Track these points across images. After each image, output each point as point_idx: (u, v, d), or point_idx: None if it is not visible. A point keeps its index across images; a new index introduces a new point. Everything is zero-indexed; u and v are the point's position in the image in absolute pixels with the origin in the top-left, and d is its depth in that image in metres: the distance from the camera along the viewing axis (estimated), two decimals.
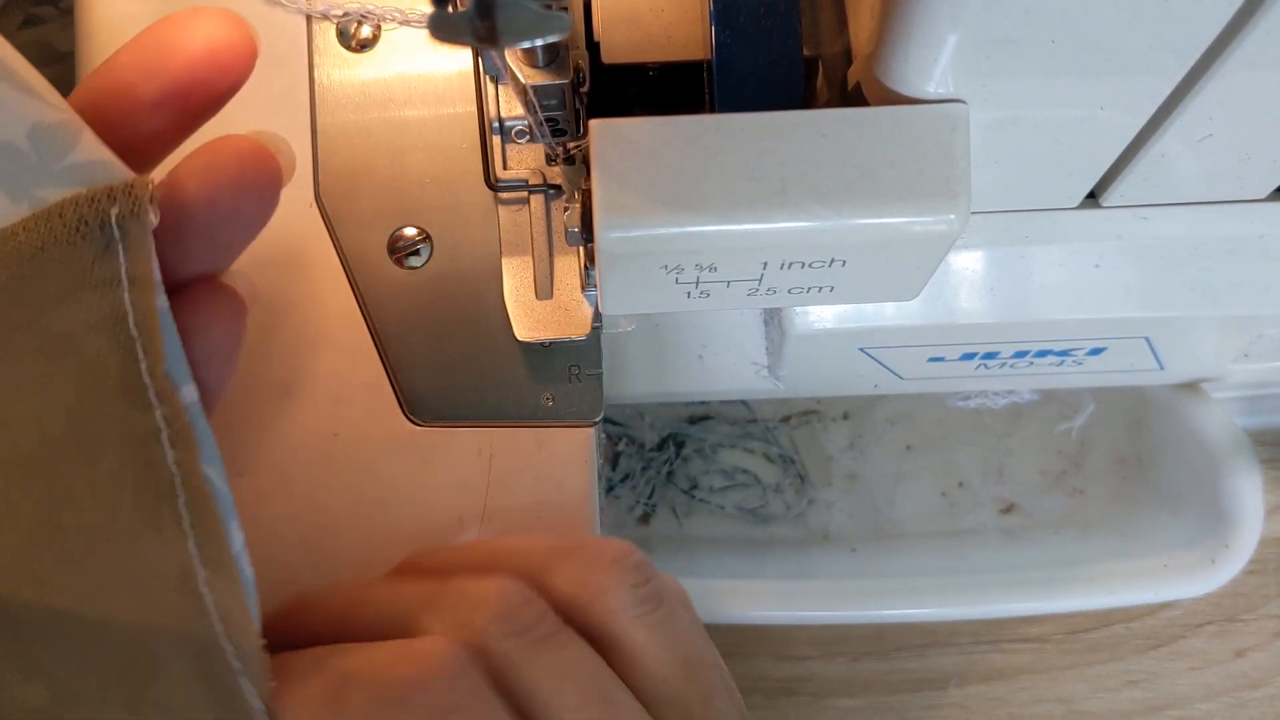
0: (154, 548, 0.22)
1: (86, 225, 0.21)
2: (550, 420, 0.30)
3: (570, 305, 0.29)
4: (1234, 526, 0.40)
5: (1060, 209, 0.30)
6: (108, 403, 0.22)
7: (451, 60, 0.30)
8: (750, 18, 0.25)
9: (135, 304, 0.21)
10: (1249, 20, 0.21)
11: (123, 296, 0.21)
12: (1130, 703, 0.43)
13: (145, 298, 0.22)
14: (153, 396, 0.22)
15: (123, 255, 0.22)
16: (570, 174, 0.29)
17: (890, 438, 0.46)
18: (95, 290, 0.21)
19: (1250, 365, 0.40)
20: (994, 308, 0.33)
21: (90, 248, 0.21)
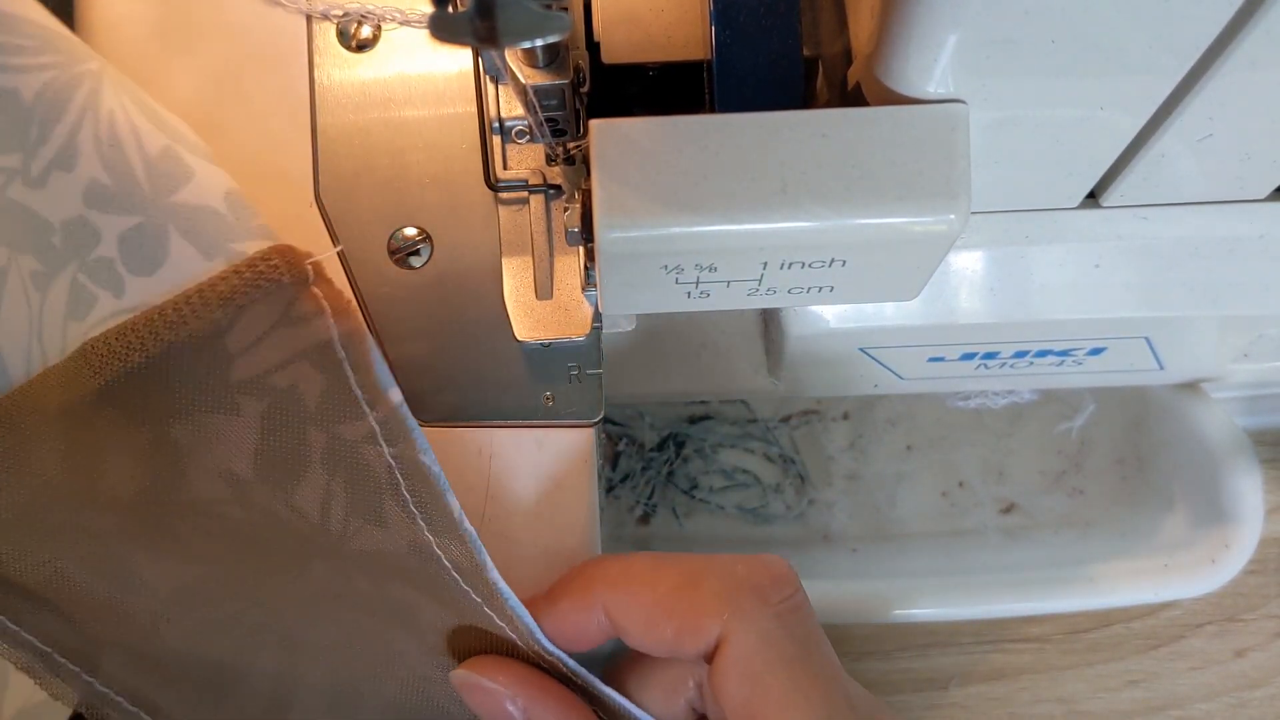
0: (377, 537, 0.26)
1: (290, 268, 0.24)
2: (550, 420, 0.30)
3: (570, 305, 0.29)
4: (1234, 526, 0.40)
5: (1060, 209, 0.30)
6: (304, 428, 0.25)
7: (451, 60, 0.30)
8: (750, 18, 0.25)
9: (340, 329, 0.25)
10: (1249, 20, 0.21)
11: (328, 323, 0.24)
12: (1130, 703, 0.43)
13: (348, 322, 0.25)
14: (364, 405, 0.25)
15: (321, 290, 0.24)
16: (570, 174, 0.29)
17: (890, 438, 0.46)
18: (295, 325, 0.24)
19: (1250, 365, 0.40)
20: (994, 308, 0.33)
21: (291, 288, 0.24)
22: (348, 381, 0.25)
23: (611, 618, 0.26)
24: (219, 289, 0.24)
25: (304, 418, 0.25)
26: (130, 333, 0.24)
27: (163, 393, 0.24)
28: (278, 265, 0.24)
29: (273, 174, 0.30)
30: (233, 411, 0.24)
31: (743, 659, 0.24)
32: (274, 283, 0.24)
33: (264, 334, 0.24)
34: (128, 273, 0.24)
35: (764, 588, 0.25)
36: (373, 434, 0.25)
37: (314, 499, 0.25)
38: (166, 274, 0.24)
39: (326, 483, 0.25)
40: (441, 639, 0.28)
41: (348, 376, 0.25)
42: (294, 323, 0.24)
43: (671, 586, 0.25)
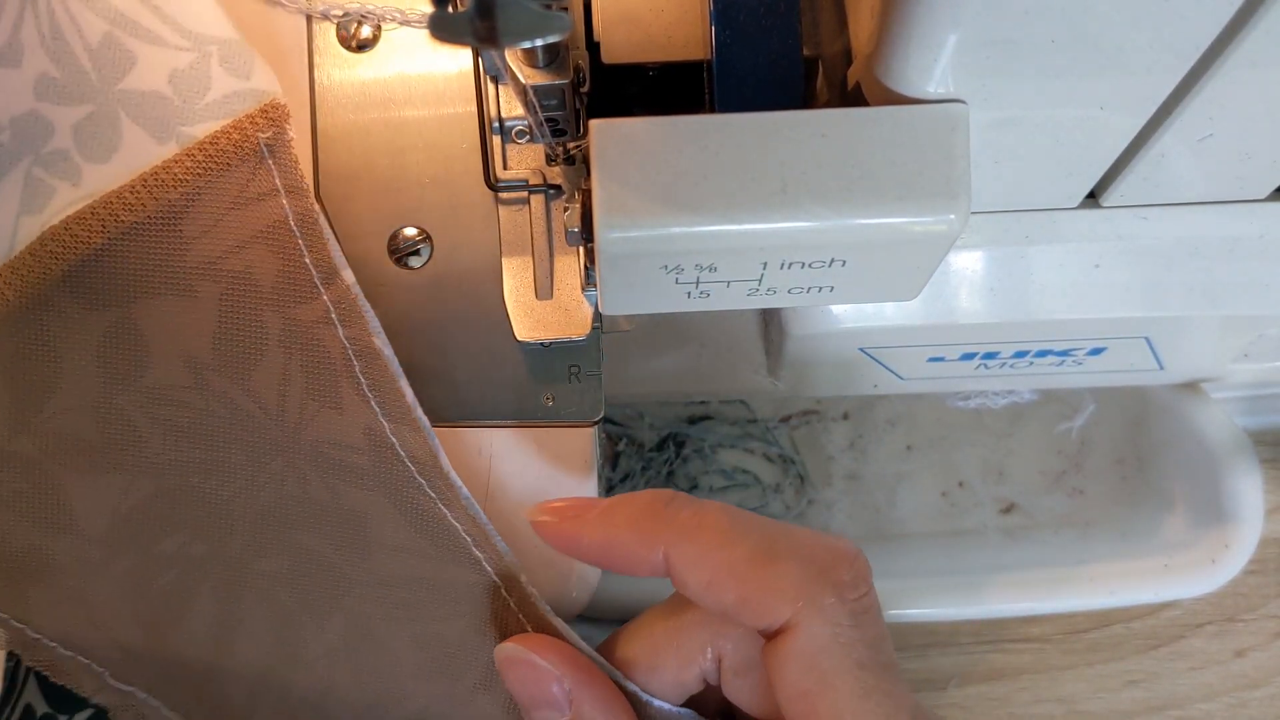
0: (334, 421, 0.26)
1: (239, 150, 0.24)
2: (550, 420, 0.30)
3: (570, 305, 0.29)
4: (1234, 526, 0.40)
5: (1060, 209, 0.30)
6: (259, 310, 0.25)
7: (451, 60, 0.30)
8: (750, 18, 0.25)
9: (294, 208, 0.25)
10: (1249, 20, 0.21)
11: (282, 203, 0.25)
12: (1130, 703, 0.43)
13: (303, 201, 0.25)
14: (318, 283, 0.25)
15: (275, 169, 0.25)
16: (570, 174, 0.29)
17: (890, 438, 0.46)
18: (250, 206, 0.25)
19: (1250, 365, 0.40)
20: (994, 308, 0.33)
21: (245, 168, 0.25)
22: (302, 260, 0.25)
23: (671, 564, 0.25)
24: (173, 172, 0.24)
25: (259, 300, 0.25)
26: (91, 217, 0.24)
27: (124, 275, 0.25)
28: (227, 149, 0.24)
29: None
30: (190, 294, 0.25)
31: (811, 653, 0.24)
32: (225, 166, 0.24)
33: (220, 217, 0.25)
34: (84, 161, 0.24)
35: (842, 583, 0.24)
36: (327, 314, 0.25)
37: (271, 382, 0.26)
38: (121, 160, 0.25)
39: (284, 365, 0.26)
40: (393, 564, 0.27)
41: (302, 254, 0.25)
42: (247, 204, 0.25)
43: (746, 555, 0.24)
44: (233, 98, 0.25)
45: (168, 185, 0.24)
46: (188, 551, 0.27)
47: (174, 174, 0.24)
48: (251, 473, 0.27)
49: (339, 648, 0.28)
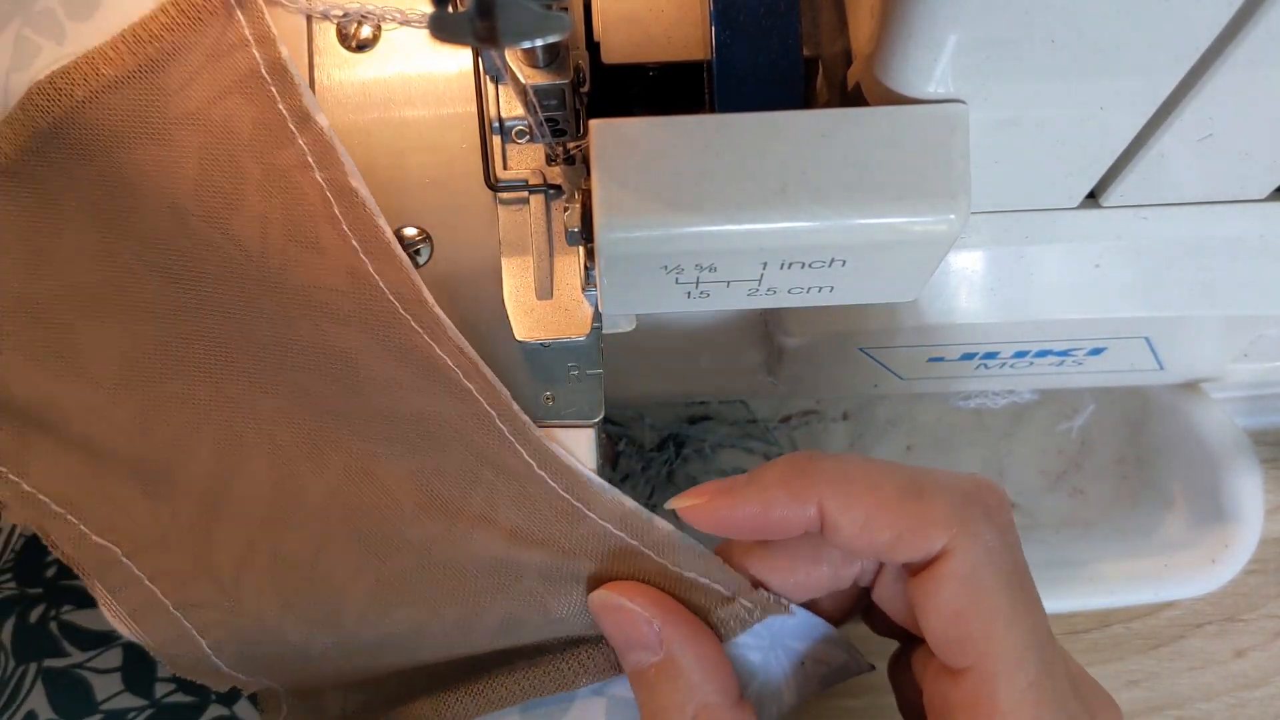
0: (317, 263, 0.26)
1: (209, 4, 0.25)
2: (550, 420, 0.30)
3: (570, 305, 0.29)
4: (1234, 526, 0.40)
5: (1060, 209, 0.30)
6: (237, 159, 0.26)
7: (451, 60, 0.30)
8: (750, 18, 0.25)
9: (263, 57, 0.26)
10: (1249, 20, 0.21)
11: (252, 53, 0.26)
12: (1130, 702, 0.43)
13: (271, 50, 0.26)
14: (293, 127, 0.26)
15: (244, 21, 0.26)
16: (570, 174, 0.29)
17: (890, 438, 0.46)
18: (223, 58, 0.26)
19: (1250, 365, 0.40)
20: (994, 308, 0.33)
21: (216, 22, 0.25)
22: (275, 106, 0.26)
23: (828, 515, 0.26)
24: (149, 28, 0.25)
25: (237, 147, 0.26)
26: (74, 71, 0.26)
27: (107, 126, 0.26)
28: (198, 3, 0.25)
29: None
30: (170, 143, 0.26)
31: (966, 572, 0.25)
32: (198, 20, 0.25)
33: (196, 70, 0.26)
34: (67, 19, 0.26)
35: (990, 506, 0.26)
36: (303, 158, 0.26)
37: (252, 227, 0.26)
38: (103, 17, 0.26)
39: (263, 210, 0.26)
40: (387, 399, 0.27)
41: (275, 101, 0.26)
42: (220, 55, 0.26)
43: (895, 493, 0.26)
44: None
45: (144, 40, 0.25)
46: (193, 393, 0.28)
47: (149, 30, 0.25)
48: (245, 312, 0.27)
49: (338, 489, 0.28)
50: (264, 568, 0.27)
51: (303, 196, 0.26)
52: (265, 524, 0.28)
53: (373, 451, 0.28)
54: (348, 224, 0.26)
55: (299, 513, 0.28)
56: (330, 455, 0.28)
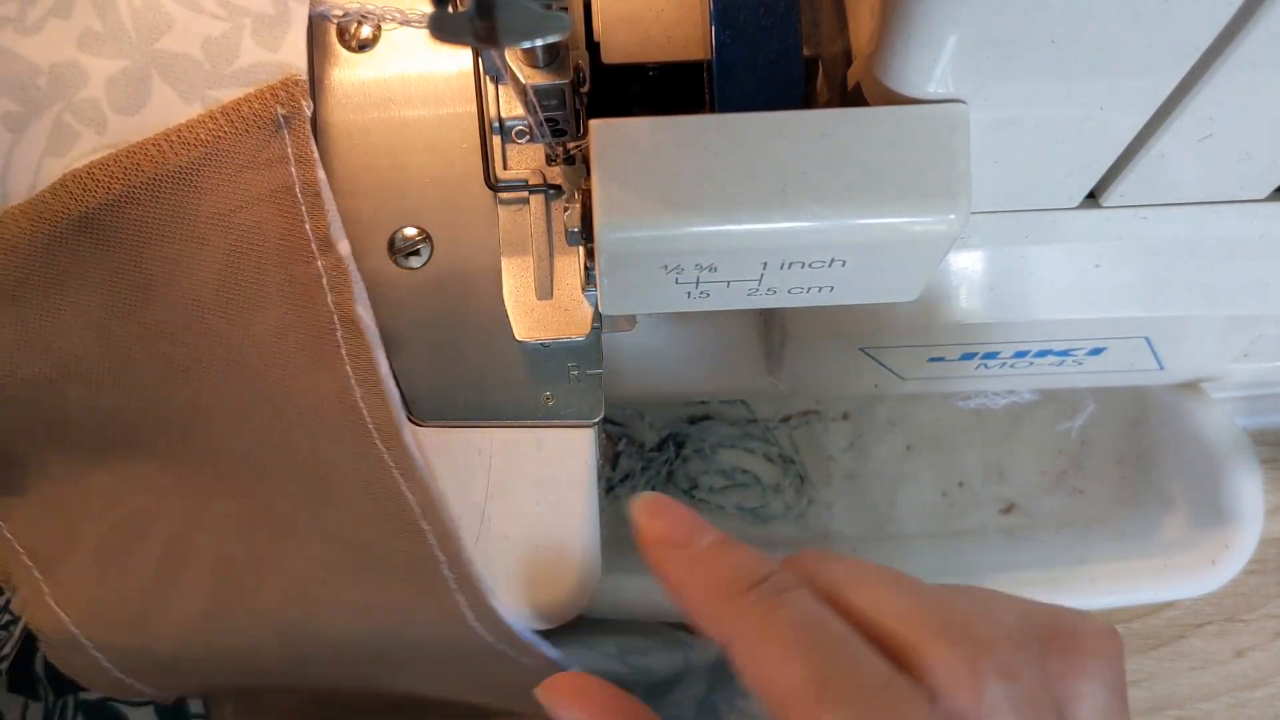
0: (317, 378, 0.27)
1: (258, 118, 0.26)
2: (550, 420, 0.30)
3: (570, 305, 0.29)
4: (1234, 526, 0.40)
5: (1060, 209, 0.30)
6: (264, 264, 0.27)
7: (451, 60, 0.30)
8: (750, 18, 0.25)
9: (300, 176, 0.27)
10: (1249, 20, 0.21)
11: (290, 170, 0.26)
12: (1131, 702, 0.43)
13: (309, 171, 0.27)
14: (315, 249, 0.27)
15: (288, 139, 0.26)
16: (570, 174, 0.29)
17: (890, 438, 0.46)
18: (261, 169, 0.26)
19: (1250, 365, 0.40)
20: (994, 308, 0.33)
21: (261, 135, 0.26)
22: (302, 225, 0.27)
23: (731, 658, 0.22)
24: (196, 131, 0.26)
25: (265, 253, 0.27)
26: (114, 164, 0.26)
27: (139, 221, 0.26)
28: (247, 115, 0.26)
29: None
30: (200, 242, 0.27)
31: None
32: (244, 130, 0.26)
33: (234, 175, 0.26)
34: (112, 112, 0.26)
35: None
36: (319, 278, 0.27)
37: (270, 330, 0.27)
38: (148, 115, 0.26)
39: (282, 317, 0.27)
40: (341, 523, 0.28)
41: (303, 220, 0.27)
42: (259, 166, 0.26)
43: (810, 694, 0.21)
44: (258, 68, 0.26)
45: (189, 144, 0.26)
46: (156, 481, 0.28)
47: (196, 133, 0.26)
48: (236, 420, 0.28)
49: (274, 607, 0.29)
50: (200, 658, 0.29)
51: (316, 313, 0.27)
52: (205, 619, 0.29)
53: (315, 575, 0.29)
54: (347, 350, 0.27)
55: (234, 617, 0.29)
56: (273, 573, 0.29)
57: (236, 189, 0.26)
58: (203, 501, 0.28)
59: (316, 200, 0.27)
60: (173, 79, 0.26)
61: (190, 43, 0.26)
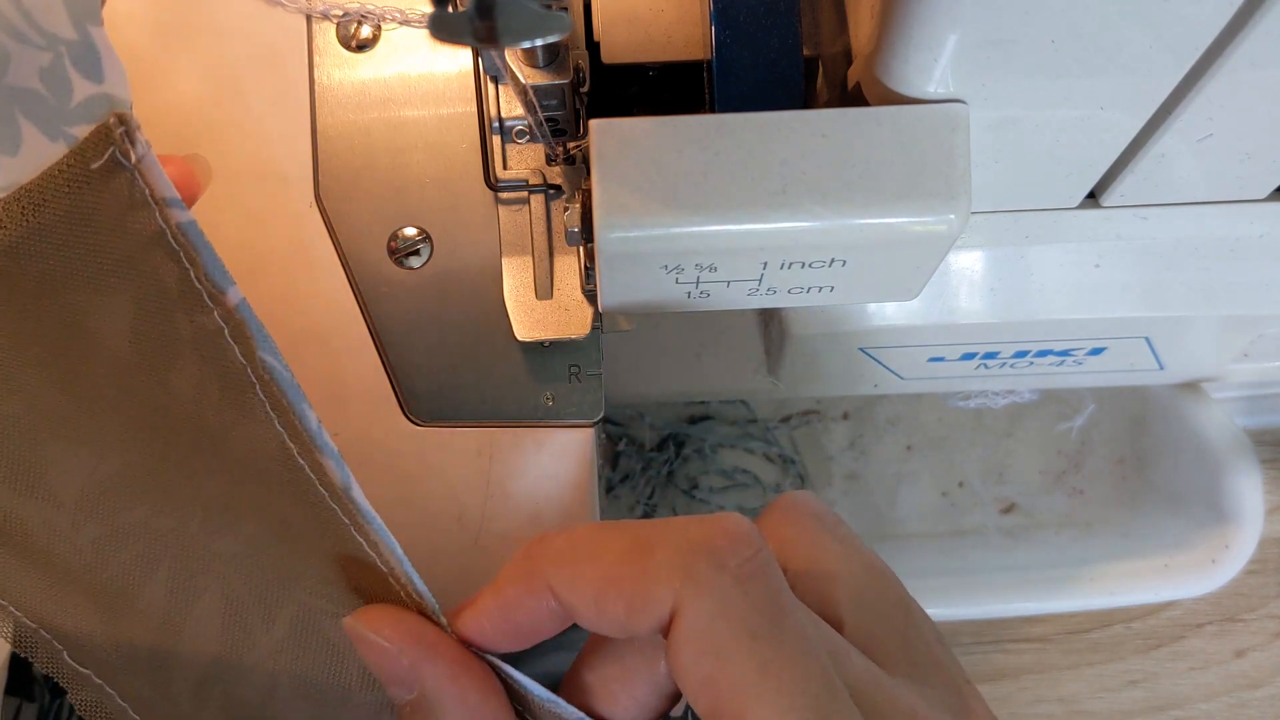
0: (253, 430, 0.25)
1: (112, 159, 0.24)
2: (550, 420, 0.30)
3: (570, 305, 0.29)
4: (1234, 526, 0.40)
5: (1060, 209, 0.30)
6: (172, 311, 0.25)
7: (451, 60, 0.30)
8: (750, 18, 0.25)
9: (165, 220, 0.24)
10: (1249, 20, 0.21)
11: (154, 215, 0.24)
12: (1131, 702, 0.43)
13: (174, 214, 0.24)
14: (207, 299, 0.25)
15: (141, 181, 0.24)
16: (570, 174, 0.29)
17: (890, 438, 0.46)
18: (137, 212, 0.24)
19: (1250, 365, 0.40)
20: (994, 308, 0.33)
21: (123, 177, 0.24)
22: (189, 273, 0.25)
23: (561, 598, 0.23)
24: (65, 174, 0.24)
25: (170, 303, 0.25)
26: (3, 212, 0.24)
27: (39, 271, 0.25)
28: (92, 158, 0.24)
29: (273, 174, 0.30)
30: (107, 291, 0.25)
31: (700, 632, 0.21)
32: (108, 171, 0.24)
33: (121, 218, 0.24)
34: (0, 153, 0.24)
35: (720, 550, 0.22)
36: (221, 330, 0.25)
37: (189, 387, 0.25)
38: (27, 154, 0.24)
39: (199, 372, 0.25)
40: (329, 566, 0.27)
41: (187, 267, 0.25)
42: (136, 208, 0.24)
43: (618, 556, 0.22)
44: (92, 101, 0.24)
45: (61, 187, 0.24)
46: (152, 524, 0.27)
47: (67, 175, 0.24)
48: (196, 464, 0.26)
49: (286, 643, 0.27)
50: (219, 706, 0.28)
51: (232, 364, 0.25)
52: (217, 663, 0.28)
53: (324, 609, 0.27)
54: (270, 404, 0.25)
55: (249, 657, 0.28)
56: (282, 607, 0.27)
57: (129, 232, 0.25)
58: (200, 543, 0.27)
59: (188, 247, 0.24)
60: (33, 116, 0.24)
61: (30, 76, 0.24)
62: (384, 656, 0.25)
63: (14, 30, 0.24)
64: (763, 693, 0.21)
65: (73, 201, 0.24)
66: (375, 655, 0.25)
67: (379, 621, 0.25)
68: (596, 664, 0.25)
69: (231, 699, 0.28)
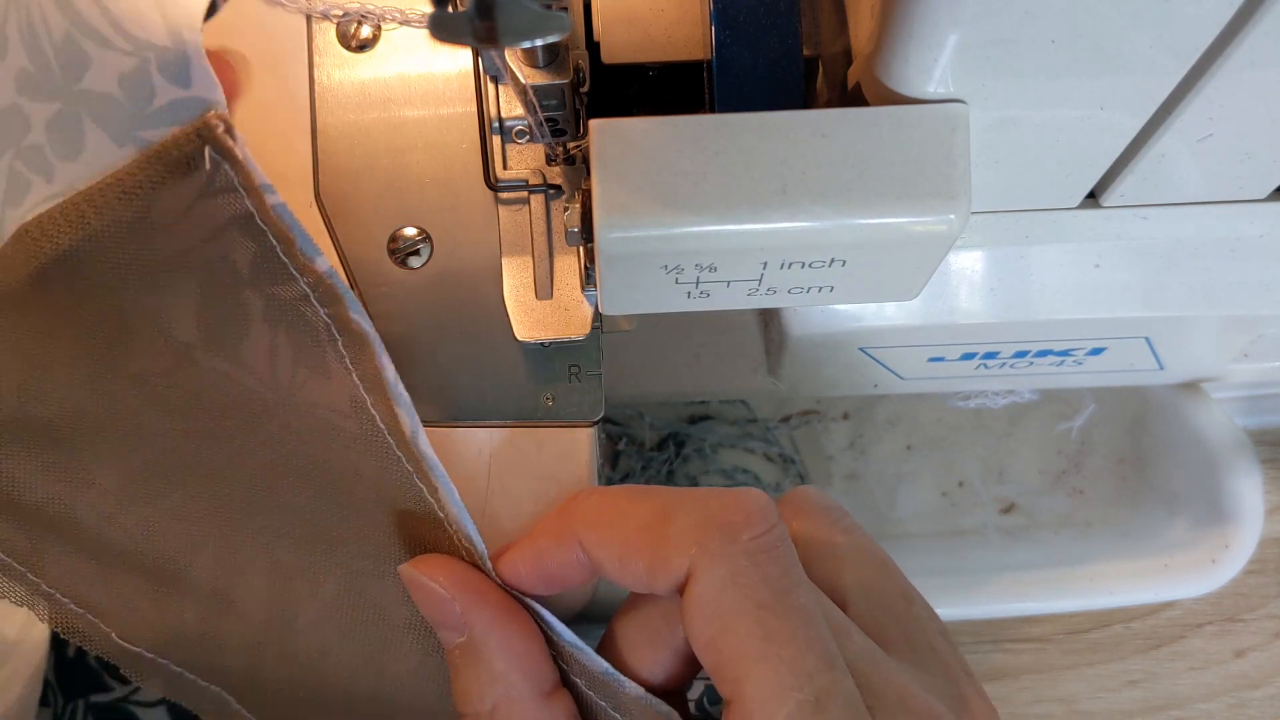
0: (324, 388, 0.27)
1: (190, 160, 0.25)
2: (550, 420, 0.30)
3: (570, 305, 0.29)
4: (1234, 526, 0.40)
5: (1060, 209, 0.30)
6: (239, 292, 0.26)
7: (451, 60, 0.30)
8: (750, 18, 0.25)
9: (255, 205, 0.25)
10: (1249, 20, 0.21)
11: (243, 200, 0.25)
12: (1131, 702, 0.43)
13: (260, 199, 0.26)
14: (294, 271, 0.26)
15: (231, 171, 0.25)
16: (570, 174, 0.29)
17: (890, 438, 0.46)
18: (212, 200, 0.25)
19: (1250, 365, 0.40)
20: (994, 308, 0.33)
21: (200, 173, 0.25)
22: (274, 251, 0.26)
23: (589, 553, 0.25)
24: (135, 177, 0.25)
25: (239, 282, 0.26)
26: (60, 216, 0.25)
27: (96, 274, 0.25)
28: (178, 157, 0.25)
29: (273, 174, 0.30)
30: (167, 289, 0.26)
31: (709, 598, 0.23)
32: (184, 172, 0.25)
33: (183, 213, 0.25)
34: (55, 158, 0.25)
35: (735, 524, 0.24)
36: (306, 296, 0.26)
37: (261, 352, 0.27)
38: (87, 160, 0.25)
39: (270, 338, 0.27)
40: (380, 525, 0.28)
41: (273, 246, 0.26)
42: (213, 195, 0.25)
43: (643, 521, 0.25)
44: (177, 105, 0.25)
45: (130, 191, 0.25)
46: (191, 507, 0.28)
47: (135, 179, 0.25)
48: (244, 438, 0.27)
49: (333, 606, 0.28)
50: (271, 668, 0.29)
51: (309, 325, 0.27)
52: (267, 628, 0.29)
53: (368, 570, 0.28)
54: (350, 358, 0.27)
55: (298, 622, 0.29)
56: (327, 572, 0.29)
57: (191, 227, 0.25)
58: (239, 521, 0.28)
59: (280, 226, 0.26)
60: (102, 121, 0.25)
61: (108, 81, 0.24)
62: (438, 601, 0.26)
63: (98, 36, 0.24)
64: (764, 659, 0.22)
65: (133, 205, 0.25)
66: (430, 600, 0.27)
67: (435, 569, 0.27)
68: (624, 625, 0.27)
69: (284, 659, 0.29)
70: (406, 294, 0.30)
